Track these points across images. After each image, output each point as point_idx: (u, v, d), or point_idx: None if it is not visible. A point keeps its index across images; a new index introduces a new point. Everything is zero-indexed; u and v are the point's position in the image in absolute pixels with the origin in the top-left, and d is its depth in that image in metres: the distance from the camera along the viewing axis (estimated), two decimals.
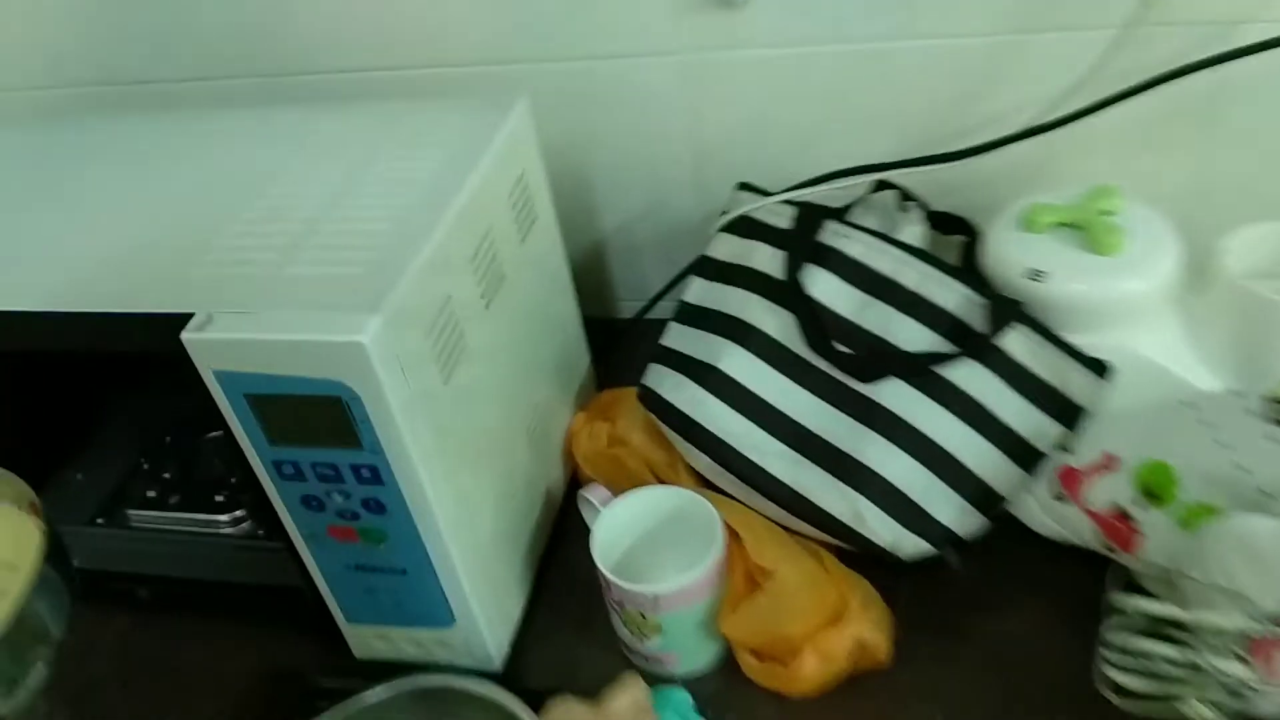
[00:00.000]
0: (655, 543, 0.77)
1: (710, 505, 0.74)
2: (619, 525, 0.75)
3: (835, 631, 0.70)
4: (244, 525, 0.85)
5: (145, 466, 0.91)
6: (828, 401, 0.76)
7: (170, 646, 0.83)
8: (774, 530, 0.76)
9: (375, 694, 0.69)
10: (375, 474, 0.63)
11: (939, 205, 0.86)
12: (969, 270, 0.82)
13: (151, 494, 0.88)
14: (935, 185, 0.85)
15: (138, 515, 0.88)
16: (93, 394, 0.97)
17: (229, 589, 0.82)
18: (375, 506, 0.65)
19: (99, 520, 0.88)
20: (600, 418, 0.86)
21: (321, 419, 0.60)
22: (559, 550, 0.83)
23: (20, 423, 0.89)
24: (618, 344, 0.99)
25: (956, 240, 0.86)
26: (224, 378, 0.60)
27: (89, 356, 0.76)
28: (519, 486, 0.77)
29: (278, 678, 0.79)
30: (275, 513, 0.68)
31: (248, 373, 0.59)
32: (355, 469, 0.63)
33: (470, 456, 0.69)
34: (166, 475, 0.90)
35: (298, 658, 0.78)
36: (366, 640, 0.76)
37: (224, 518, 0.85)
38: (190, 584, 0.84)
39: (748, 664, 0.72)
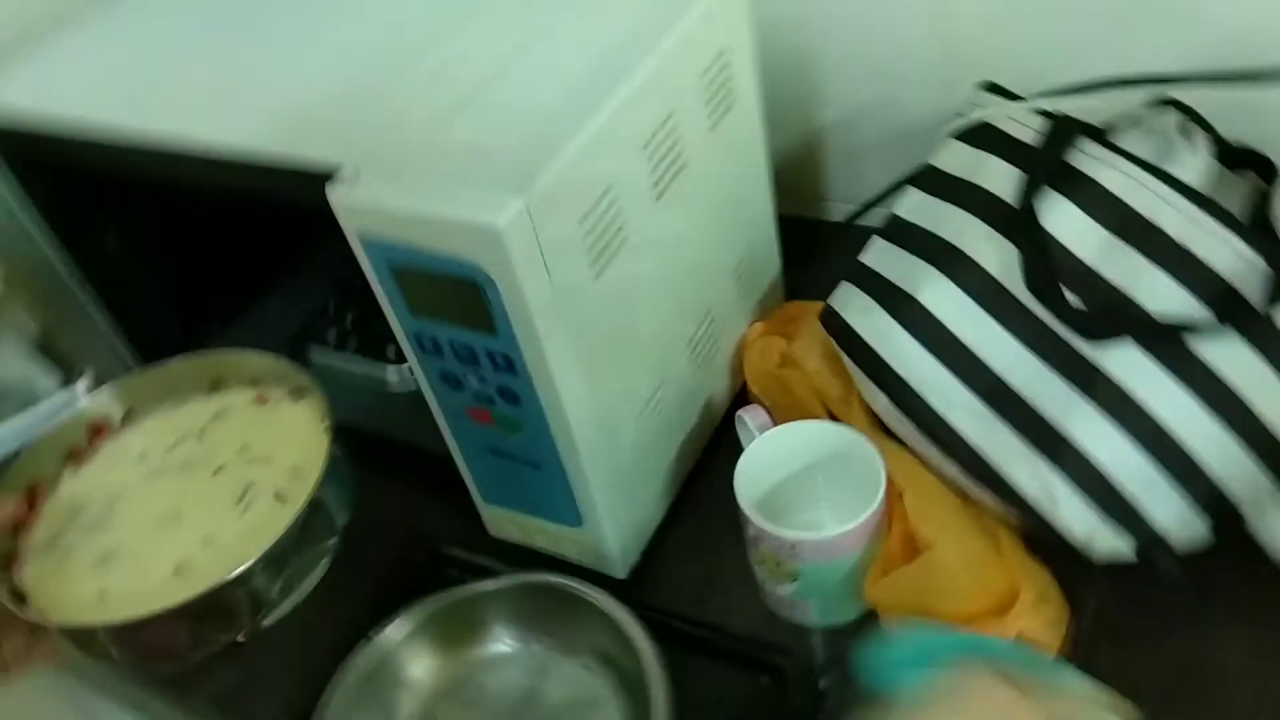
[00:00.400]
0: (809, 481, 0.70)
1: (877, 454, 0.65)
2: (771, 456, 0.69)
3: (996, 623, 0.61)
4: (411, 382, 0.84)
5: (332, 308, 0.92)
6: (1040, 357, 0.65)
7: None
8: (945, 495, 0.67)
9: (490, 584, 0.68)
10: (509, 364, 0.59)
11: (1233, 136, 0.69)
12: (1256, 224, 0.66)
13: (332, 334, 0.89)
14: (1234, 111, 0.68)
15: (318, 350, 0.90)
16: (299, 229, 0.99)
17: (387, 444, 0.83)
18: (509, 396, 0.62)
19: (283, 349, 0.90)
20: (778, 332, 0.78)
21: (458, 300, 0.57)
22: (712, 466, 0.78)
23: (221, 252, 0.92)
24: (820, 250, 0.89)
25: (1248, 184, 0.70)
26: (367, 243, 0.57)
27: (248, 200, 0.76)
28: (671, 396, 0.72)
29: (413, 537, 0.79)
30: None
31: (389, 242, 0.56)
32: (490, 355, 0.60)
33: (616, 359, 0.64)
34: (350, 319, 0.91)
35: (437, 525, 0.78)
36: (501, 522, 0.74)
37: (392, 371, 0.85)
38: (353, 432, 0.85)
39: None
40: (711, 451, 0.78)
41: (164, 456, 0.65)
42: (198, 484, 0.63)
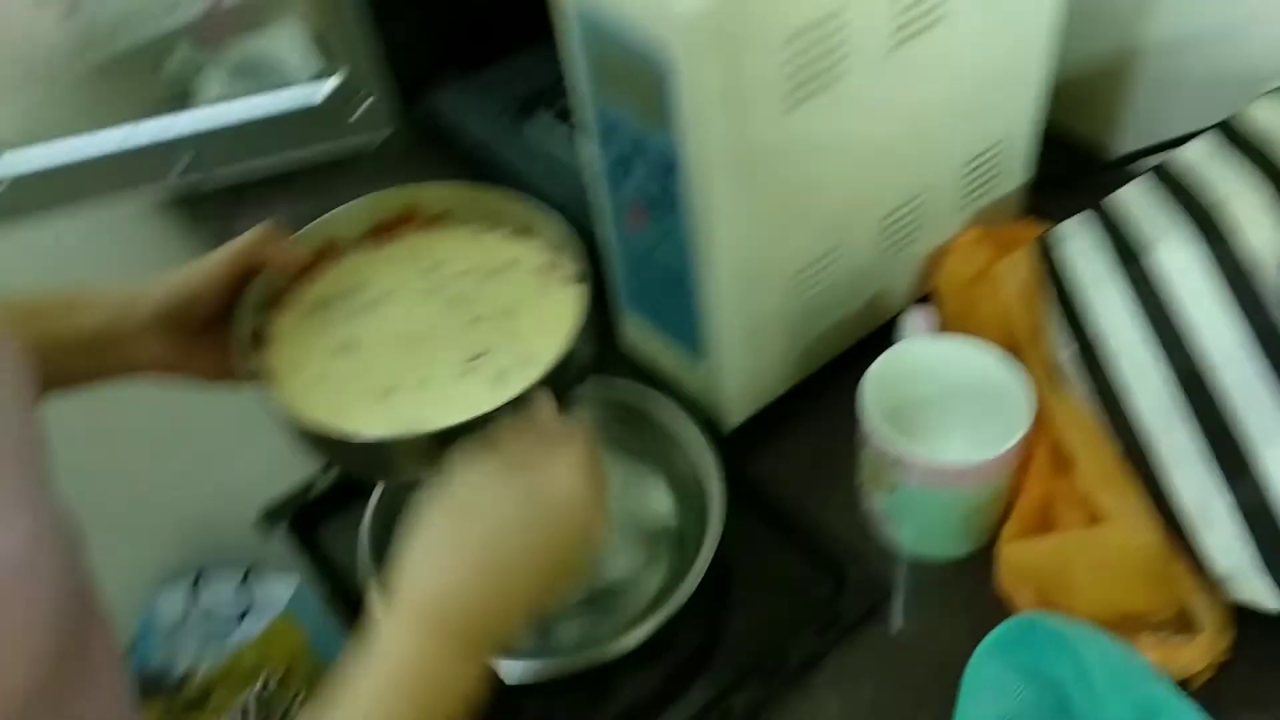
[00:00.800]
0: (951, 406, 0.64)
1: (1029, 400, 0.58)
2: (918, 364, 0.63)
3: (1142, 628, 0.54)
4: None
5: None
6: (1267, 362, 0.54)
7: None
8: (1123, 472, 0.59)
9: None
10: (670, 165, 0.56)
11: None
12: None
13: (561, 105, 0.89)
14: None
15: (542, 123, 0.90)
16: None
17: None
18: (665, 200, 0.59)
19: (512, 109, 0.91)
20: (990, 244, 0.70)
21: (640, 83, 0.54)
22: (865, 362, 0.72)
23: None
24: (1082, 182, 0.78)
25: None
26: (570, 6, 0.55)
27: None
28: (842, 268, 0.66)
29: None
30: None
31: (589, 7, 0.54)
32: (657, 151, 0.57)
33: (786, 203, 0.59)
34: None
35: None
36: (635, 333, 0.73)
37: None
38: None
39: (1019, 596, 0.59)
40: (870, 347, 0.72)
41: (447, 279, 0.61)
42: (453, 323, 0.59)
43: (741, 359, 0.65)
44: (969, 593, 0.62)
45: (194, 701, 1.23)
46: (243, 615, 1.43)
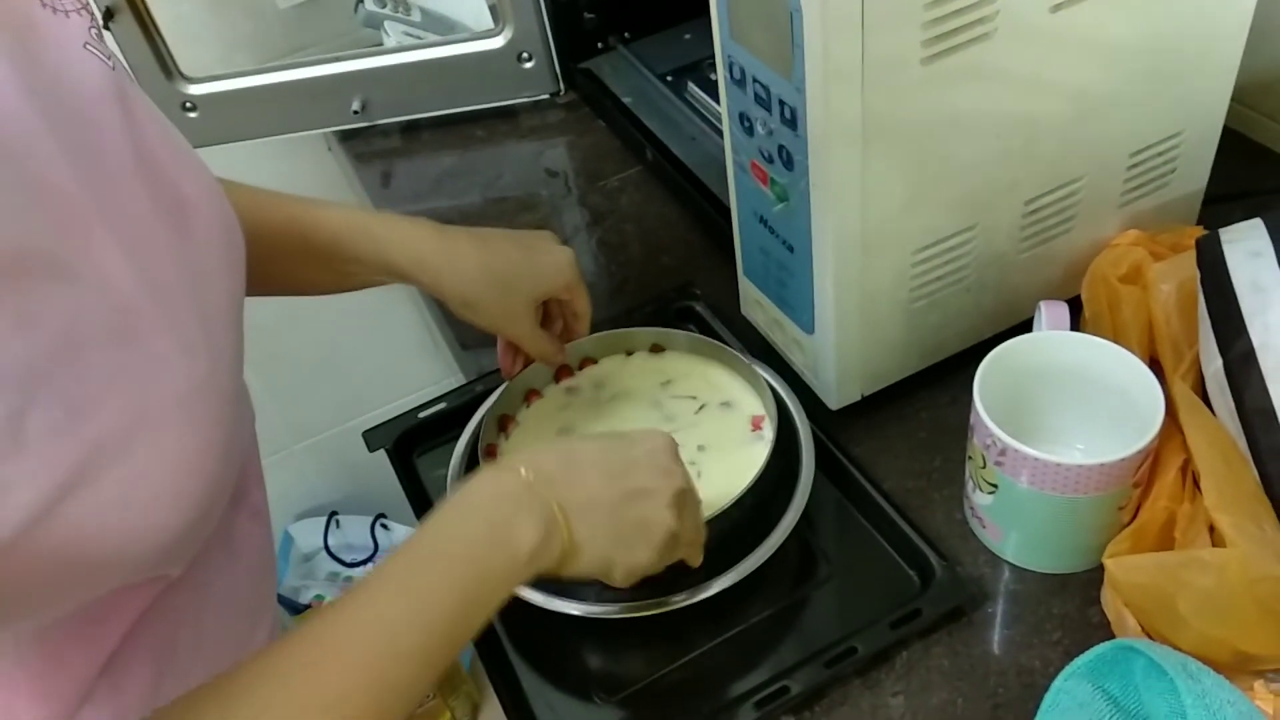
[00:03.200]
0: (1080, 405, 0.59)
1: (1161, 406, 0.53)
2: (1044, 359, 0.58)
3: (1258, 673, 0.48)
4: None
5: None
6: None
7: (640, 205, 0.88)
8: (1259, 497, 0.52)
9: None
10: (794, 119, 0.54)
11: None
12: None
13: (713, 77, 0.88)
14: None
15: (693, 92, 0.89)
16: None
17: (713, 201, 0.81)
18: (786, 158, 0.57)
19: (667, 77, 0.91)
20: (1150, 245, 0.64)
21: (771, 26, 0.52)
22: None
23: None
24: (1268, 192, 0.71)
25: None
26: None
27: None
28: (977, 251, 0.62)
29: (679, 273, 0.80)
30: None
31: None
32: (781, 104, 0.55)
33: (915, 173, 0.56)
34: None
35: (704, 280, 0.77)
36: (750, 300, 0.71)
37: None
38: (681, 166, 0.85)
39: (1122, 623, 0.53)
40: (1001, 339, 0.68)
41: (673, 398, 0.66)
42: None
43: (852, 337, 0.62)
44: (1068, 612, 0.56)
45: None
46: (369, 559, 1.50)
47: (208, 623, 0.50)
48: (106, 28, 0.88)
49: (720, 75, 0.60)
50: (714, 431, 0.63)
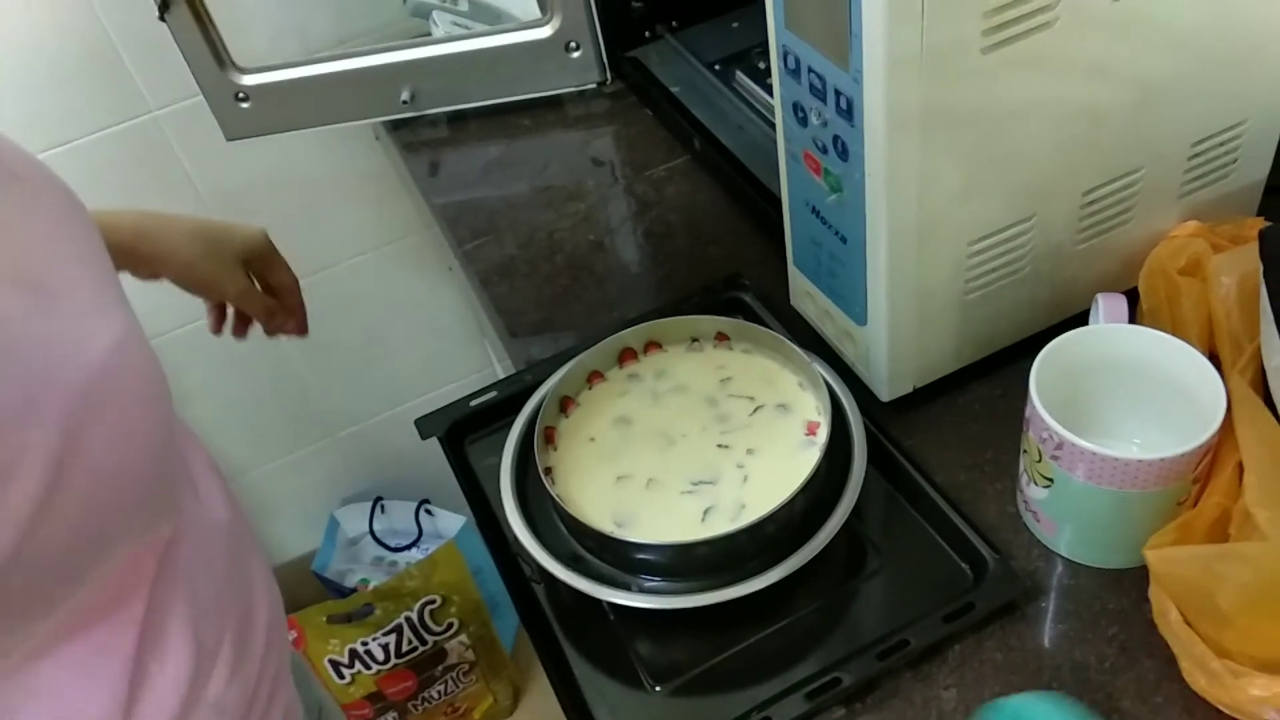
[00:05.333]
0: (1138, 400, 0.58)
1: (1222, 400, 0.52)
2: (1105, 352, 0.58)
3: None
4: None
5: None
6: None
7: (687, 194, 0.88)
8: None
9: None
10: (850, 109, 0.54)
11: None
12: None
13: (761, 66, 0.88)
14: None
15: (742, 82, 0.89)
16: None
17: (761, 190, 0.81)
18: (841, 149, 0.57)
19: (715, 66, 0.91)
20: (1210, 237, 0.63)
21: (827, 14, 0.52)
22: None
23: None
24: None
25: None
26: None
27: None
28: (1034, 243, 0.61)
29: (727, 263, 0.80)
30: None
31: None
32: (837, 94, 0.55)
33: (972, 162, 0.56)
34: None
35: (753, 270, 0.77)
36: (800, 291, 0.71)
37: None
38: (729, 155, 0.85)
39: (1165, 617, 0.53)
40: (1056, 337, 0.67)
41: (730, 396, 0.66)
42: (705, 439, 0.63)
43: (906, 329, 0.62)
44: (1123, 607, 0.56)
45: (358, 612, 1.31)
46: (413, 543, 1.51)
47: (217, 567, 0.52)
48: (162, 18, 0.89)
49: (774, 64, 0.60)
50: (767, 435, 0.63)
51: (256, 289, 0.78)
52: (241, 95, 0.96)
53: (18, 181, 0.44)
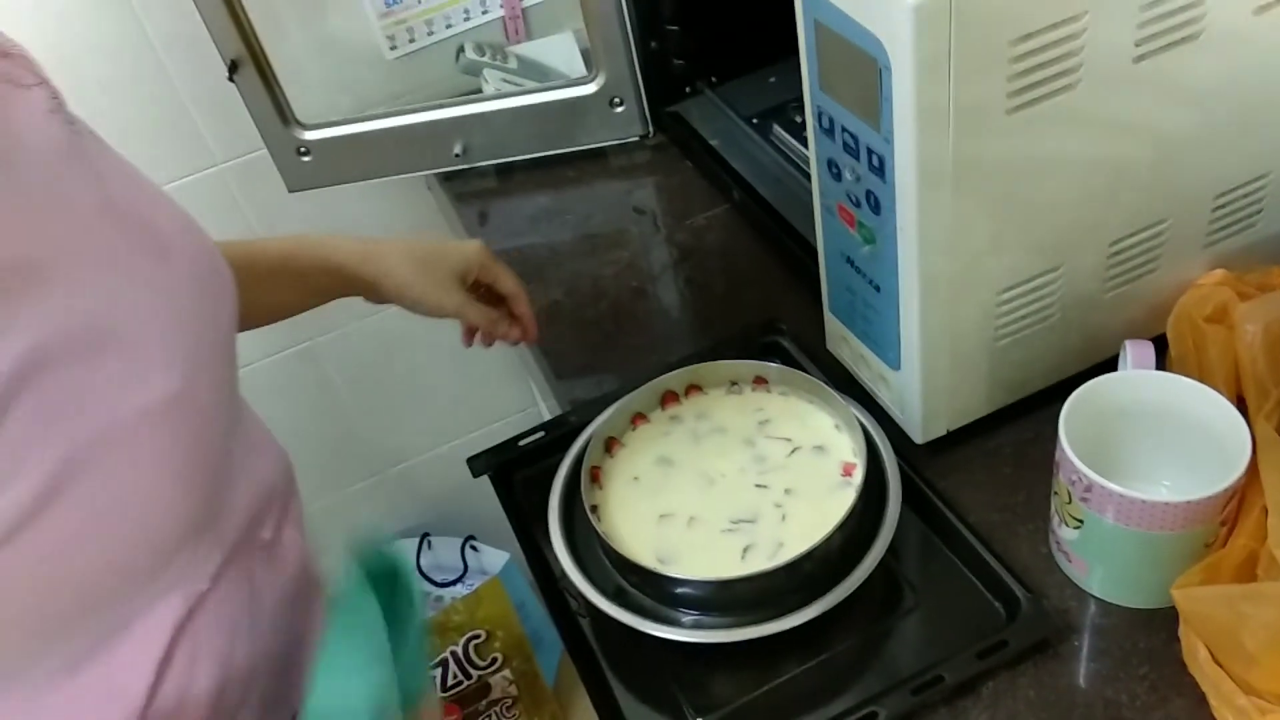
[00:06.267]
0: (1165, 444, 0.60)
1: (1248, 443, 0.54)
2: (1133, 397, 0.60)
3: None
4: None
5: None
6: None
7: (726, 243, 0.92)
8: None
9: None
10: (881, 167, 0.57)
11: None
12: None
13: (798, 120, 0.91)
14: None
15: (779, 135, 0.92)
16: None
17: (797, 238, 0.84)
18: (873, 203, 0.60)
19: (753, 120, 0.95)
20: (1236, 285, 0.65)
21: (859, 79, 0.55)
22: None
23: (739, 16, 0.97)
24: None
25: None
26: None
27: None
28: (1062, 292, 0.64)
29: (764, 308, 0.83)
30: None
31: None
32: (869, 152, 0.58)
33: (1001, 215, 0.58)
34: None
35: (791, 317, 0.79)
36: (836, 336, 0.73)
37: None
38: (766, 205, 0.88)
39: (1194, 656, 0.55)
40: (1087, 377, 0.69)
41: (767, 438, 0.69)
42: (744, 479, 0.66)
43: (938, 374, 0.64)
44: (1154, 646, 0.57)
45: None
46: (458, 578, 1.54)
47: (262, 626, 0.54)
48: (231, 79, 0.95)
49: (809, 124, 0.63)
50: (804, 476, 0.66)
51: (473, 302, 0.76)
52: (303, 150, 1.01)
53: (162, 247, 0.48)
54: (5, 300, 0.40)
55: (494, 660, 1.37)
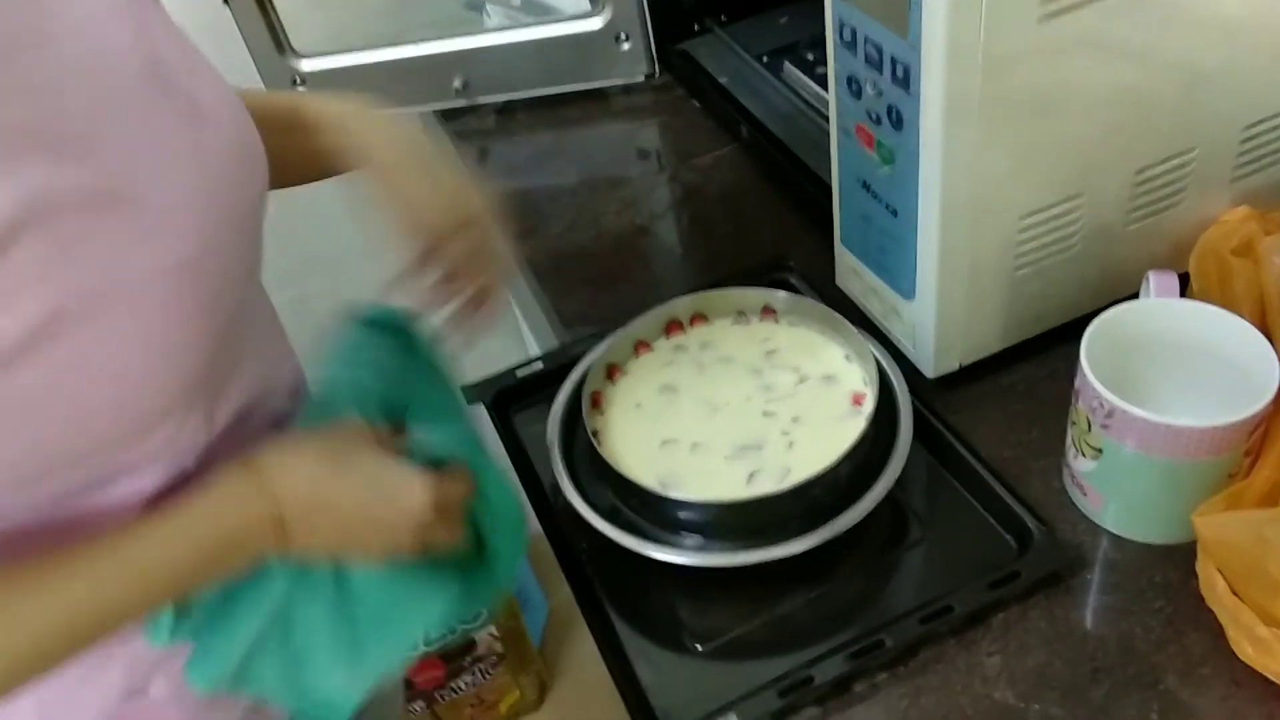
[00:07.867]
0: (1189, 373, 0.58)
1: (1276, 371, 0.52)
2: (1156, 325, 0.58)
3: None
4: None
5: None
6: None
7: (733, 182, 0.89)
8: None
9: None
10: (906, 77, 0.55)
11: None
12: None
13: (810, 57, 0.89)
14: None
15: (790, 73, 0.90)
16: None
17: (811, 176, 0.82)
18: (896, 119, 0.58)
19: (763, 58, 0.92)
20: (1261, 222, 0.63)
21: None
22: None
23: None
24: None
25: None
26: None
27: None
28: (1084, 221, 0.62)
29: (773, 245, 0.80)
30: None
31: None
32: (894, 62, 0.56)
33: (1026, 136, 0.56)
34: None
35: (798, 252, 0.77)
36: (846, 269, 0.71)
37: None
38: (776, 141, 0.86)
39: (1212, 588, 0.53)
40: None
41: (775, 367, 0.67)
42: (751, 407, 0.64)
43: (954, 303, 0.62)
44: (1171, 580, 0.56)
45: None
46: None
47: None
48: (226, 3, 0.92)
49: (829, 37, 0.61)
50: (812, 405, 0.64)
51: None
52: (298, 80, 0.98)
53: (200, 117, 0.47)
54: (20, 149, 0.39)
55: (479, 614, 1.35)
